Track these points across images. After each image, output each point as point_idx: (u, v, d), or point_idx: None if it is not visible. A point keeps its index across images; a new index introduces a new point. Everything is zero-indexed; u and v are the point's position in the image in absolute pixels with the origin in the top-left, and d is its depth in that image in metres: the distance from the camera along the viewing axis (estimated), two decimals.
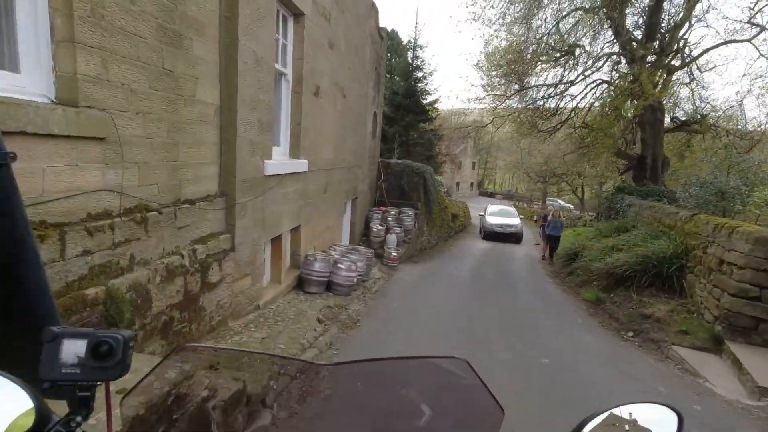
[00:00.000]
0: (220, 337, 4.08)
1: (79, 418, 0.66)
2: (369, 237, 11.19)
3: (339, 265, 6.71)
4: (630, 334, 6.30)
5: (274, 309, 5.38)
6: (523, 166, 38.07)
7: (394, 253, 10.46)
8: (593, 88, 17.11)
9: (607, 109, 15.06)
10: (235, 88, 4.26)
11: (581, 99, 17.35)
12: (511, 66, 16.68)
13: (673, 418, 0.77)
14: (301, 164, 6.28)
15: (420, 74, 18.24)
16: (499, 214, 18.67)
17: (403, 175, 12.92)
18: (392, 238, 11.01)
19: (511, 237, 17.53)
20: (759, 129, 19.73)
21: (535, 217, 29.74)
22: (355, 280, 6.95)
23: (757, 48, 16.01)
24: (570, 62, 16.87)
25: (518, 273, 11.35)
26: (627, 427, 0.77)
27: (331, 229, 8.35)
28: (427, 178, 13.11)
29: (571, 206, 40.95)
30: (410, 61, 18.28)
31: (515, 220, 18.10)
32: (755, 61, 35.24)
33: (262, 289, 5.36)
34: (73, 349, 0.66)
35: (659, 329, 5.98)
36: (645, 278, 7.27)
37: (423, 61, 18.29)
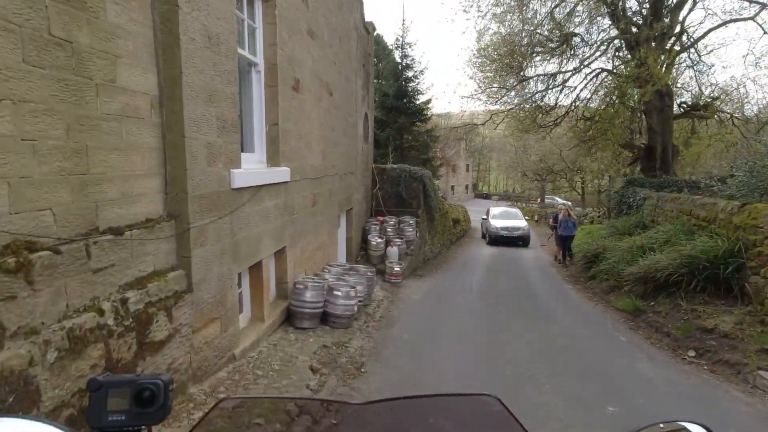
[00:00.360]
0: (173, 416, 2.91)
1: None
2: (368, 251, 10.06)
3: (335, 292, 5.57)
4: (692, 353, 5.20)
5: (255, 357, 4.22)
6: (519, 166, 37.19)
7: (396, 269, 9.34)
8: (592, 77, 16.25)
9: (612, 97, 14.11)
10: (178, 71, 3.15)
11: (581, 90, 16.47)
12: (505, 60, 15.75)
13: None
14: (282, 173, 5.17)
15: (410, 73, 17.26)
16: (504, 217, 17.61)
17: (400, 181, 11.84)
18: (393, 252, 9.89)
19: (518, 240, 16.42)
20: (764, 111, 18.93)
21: (536, 217, 28.78)
22: (356, 308, 5.81)
23: (760, 26, 15.27)
24: (567, 52, 15.99)
25: (534, 280, 10.25)
26: None
27: (323, 248, 7.22)
28: (426, 183, 12.04)
29: (569, 203, 40.16)
30: (399, 60, 17.29)
31: (521, 222, 17.03)
32: (760, 39, 34.55)
33: (237, 333, 4.21)
34: (118, 397, 0.70)
35: (731, 347, 4.88)
36: (695, 282, 6.19)
37: (413, 59, 17.35)
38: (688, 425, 0.78)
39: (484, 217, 18.28)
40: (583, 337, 6.03)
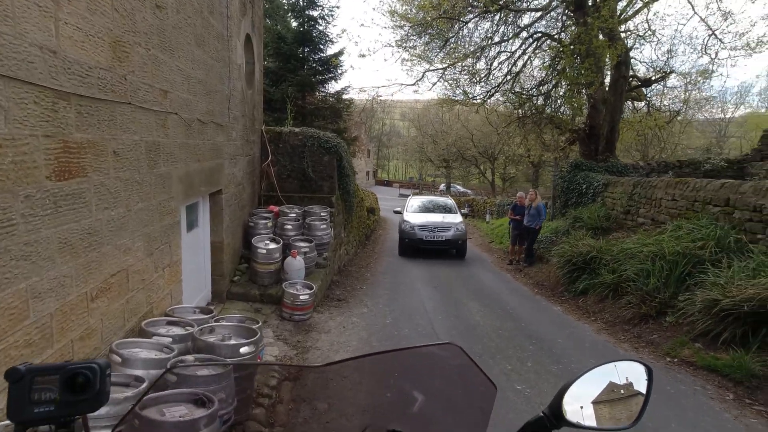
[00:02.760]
0: None
1: None
2: (253, 266, 5.91)
3: None
4: None
5: None
6: (424, 151, 35.04)
7: (303, 297, 5.38)
8: (532, 42, 13.84)
9: (571, 61, 11.68)
10: None
11: (519, 57, 13.96)
12: (430, 13, 12.44)
13: (643, 371, 0.88)
14: None
15: (316, 12, 12.88)
16: (427, 211, 11.52)
17: (304, 153, 7.78)
18: (296, 265, 5.88)
19: (449, 246, 10.41)
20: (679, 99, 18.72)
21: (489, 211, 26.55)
22: None
23: (690, 3, 14.22)
24: (506, 16, 13.30)
25: (511, 308, 7.09)
26: (604, 383, 0.86)
27: (129, 283, 2.97)
28: (343, 157, 8.15)
29: (470, 191, 39.55)
30: None
31: (454, 218, 11.03)
32: (688, 20, 36.54)
33: None
34: (45, 386, 0.63)
35: None
36: None
37: None
38: (628, 363, 0.88)
39: (398, 210, 12.12)
40: None
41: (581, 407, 0.87)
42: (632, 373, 0.90)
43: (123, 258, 2.88)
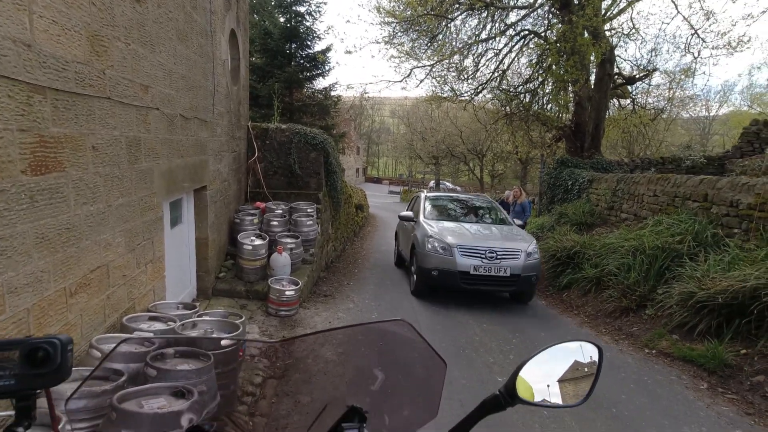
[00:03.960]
0: None
1: (20, 429, 0.65)
2: (238, 261, 5.90)
3: None
4: None
5: None
6: (413, 148, 35.05)
7: (289, 293, 5.39)
8: (519, 40, 13.94)
9: (558, 59, 11.79)
10: None
11: (506, 54, 14.05)
12: (418, 9, 12.45)
13: (595, 351, 0.92)
14: None
15: (303, 8, 12.77)
16: (458, 219, 7.36)
17: (291, 149, 7.77)
18: (283, 261, 5.89)
19: (514, 287, 6.11)
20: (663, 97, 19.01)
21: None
22: None
23: (674, 2, 14.45)
24: (492, 13, 13.37)
25: (495, 303, 7.18)
26: (557, 363, 0.91)
27: (110, 277, 2.97)
28: (330, 153, 8.15)
29: (459, 188, 39.74)
30: None
31: (514, 233, 6.79)
32: (672, 19, 37.01)
33: None
34: (4, 360, 0.64)
35: None
36: None
37: None
38: (581, 344, 0.92)
39: (409, 216, 7.49)
40: None
41: (535, 385, 0.90)
42: (584, 353, 0.93)
43: (103, 253, 2.87)
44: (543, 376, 0.91)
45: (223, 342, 2.71)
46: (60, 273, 2.41)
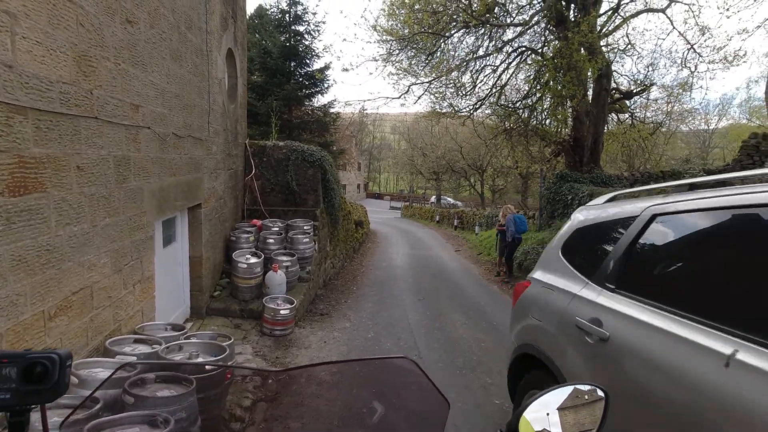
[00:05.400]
0: None
1: None
2: (233, 279, 5.83)
3: None
4: None
5: None
6: (414, 164, 35.17)
7: (284, 311, 5.31)
8: (516, 56, 14.07)
9: (555, 75, 11.87)
10: None
11: (504, 70, 14.17)
12: (415, 28, 12.61)
13: (601, 395, 0.92)
14: None
15: (302, 27, 12.95)
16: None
17: (288, 166, 7.76)
18: (278, 279, 5.82)
19: None
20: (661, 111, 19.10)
21: (437, 218, 26.71)
22: None
23: (669, 19, 14.59)
24: (489, 31, 13.54)
25: (495, 321, 7.06)
26: (563, 405, 0.88)
27: (94, 299, 2.90)
28: (327, 170, 8.14)
29: (460, 203, 39.74)
30: (286, 8, 12.71)
31: None
32: (667, 35, 37.19)
33: None
34: (4, 374, 0.63)
35: None
36: None
37: (305, 8, 12.89)
38: (587, 387, 0.91)
39: (549, 283, 2.61)
40: None
41: (539, 427, 0.86)
42: (590, 397, 0.91)
43: (87, 275, 2.81)
44: (547, 417, 0.88)
45: (207, 366, 2.63)
46: (38, 296, 2.35)
